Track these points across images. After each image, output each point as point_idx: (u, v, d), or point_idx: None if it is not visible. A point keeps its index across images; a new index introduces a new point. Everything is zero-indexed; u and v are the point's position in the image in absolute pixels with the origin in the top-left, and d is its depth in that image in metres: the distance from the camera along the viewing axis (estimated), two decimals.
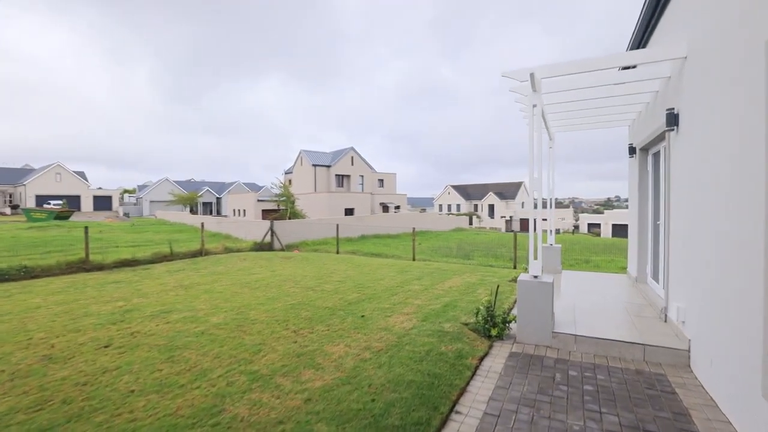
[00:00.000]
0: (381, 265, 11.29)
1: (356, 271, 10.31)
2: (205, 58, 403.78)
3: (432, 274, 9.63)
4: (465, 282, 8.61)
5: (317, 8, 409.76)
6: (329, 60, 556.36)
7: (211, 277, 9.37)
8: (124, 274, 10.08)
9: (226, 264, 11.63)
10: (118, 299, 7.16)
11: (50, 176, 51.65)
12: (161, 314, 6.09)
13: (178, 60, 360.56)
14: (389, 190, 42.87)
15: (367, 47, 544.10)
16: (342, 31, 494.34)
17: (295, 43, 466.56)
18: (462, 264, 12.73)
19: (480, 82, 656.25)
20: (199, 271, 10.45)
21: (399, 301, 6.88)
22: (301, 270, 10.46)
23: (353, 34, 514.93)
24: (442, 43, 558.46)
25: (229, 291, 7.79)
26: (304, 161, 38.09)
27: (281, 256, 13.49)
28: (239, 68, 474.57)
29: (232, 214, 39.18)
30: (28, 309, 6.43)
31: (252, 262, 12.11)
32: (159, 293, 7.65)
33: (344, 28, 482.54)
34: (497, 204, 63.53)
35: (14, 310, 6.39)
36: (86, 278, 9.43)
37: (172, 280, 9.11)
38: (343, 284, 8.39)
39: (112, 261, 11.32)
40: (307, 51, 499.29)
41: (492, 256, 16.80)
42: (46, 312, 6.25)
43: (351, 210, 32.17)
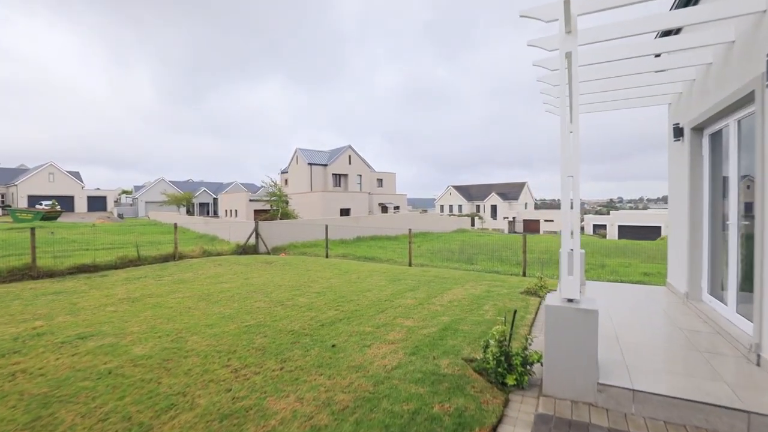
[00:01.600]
0: (372, 272, 9.89)
1: (342, 279, 8.91)
2: (206, 60, 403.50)
3: (430, 284, 8.23)
4: (468, 294, 7.20)
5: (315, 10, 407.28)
6: (328, 62, 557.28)
7: (170, 287, 8.00)
8: (73, 282, 8.72)
9: (196, 270, 10.25)
10: (40, 317, 5.80)
11: (43, 176, 50.49)
12: (76, 340, 4.72)
13: (179, 61, 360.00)
14: (389, 190, 41.48)
15: (365, 48, 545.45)
16: (340, 32, 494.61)
17: (294, 45, 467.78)
18: (465, 270, 11.32)
19: (478, 84, 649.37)
20: (162, 278, 9.08)
21: (385, 321, 5.47)
22: (279, 278, 9.08)
23: (351, 35, 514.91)
24: (440, 44, 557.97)
25: (182, 306, 6.41)
26: (299, 160, 36.74)
27: (262, 260, 12.12)
28: (239, 69, 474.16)
29: (225, 214, 37.86)
30: None
31: (227, 267, 10.73)
32: (95, 309, 6.28)
33: (342, 29, 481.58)
34: (500, 205, 62.02)
35: None
36: (24, 288, 8.07)
37: (122, 290, 7.74)
38: (321, 297, 7.00)
39: (66, 267, 9.97)
40: (306, 53, 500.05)
41: (497, 260, 15.39)
42: None
43: (347, 210, 30.78)
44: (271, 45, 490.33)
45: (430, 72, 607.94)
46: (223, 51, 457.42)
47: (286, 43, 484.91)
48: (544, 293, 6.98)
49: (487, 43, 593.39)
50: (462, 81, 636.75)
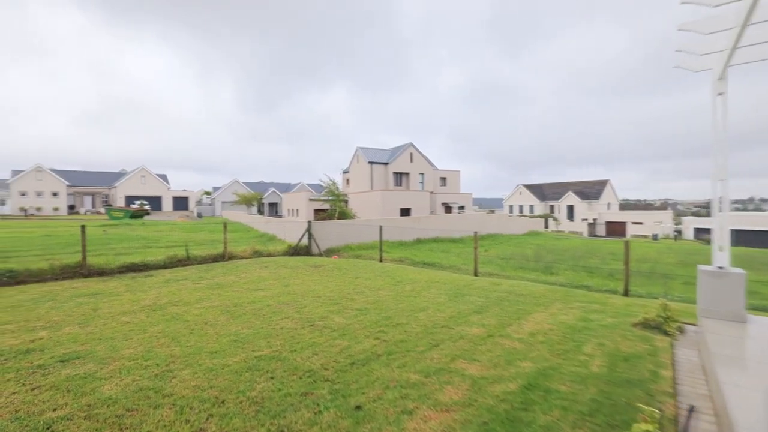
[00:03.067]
0: (430, 283, 8.31)
1: (392, 290, 7.46)
2: (279, 72, 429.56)
3: (502, 303, 6.44)
4: (557, 323, 5.33)
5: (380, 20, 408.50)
6: (391, 66, 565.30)
7: (202, 294, 7.18)
8: (116, 282, 8.37)
9: (239, 273, 9.50)
10: (50, 326, 5.16)
11: (137, 179, 56.29)
12: (56, 364, 3.87)
13: (256, 75, 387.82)
14: (453, 189, 39.23)
15: (428, 51, 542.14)
16: (403, 37, 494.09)
17: (360, 52, 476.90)
18: (545, 284, 9.25)
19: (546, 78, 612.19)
20: (201, 282, 8.39)
21: (440, 363, 3.91)
22: (321, 285, 7.89)
23: (414, 39, 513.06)
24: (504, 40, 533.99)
25: (200, 320, 5.43)
26: (360, 159, 36.10)
27: (311, 263, 11.13)
28: (309, 79, 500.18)
29: (287, 214, 38.56)
30: None
31: (272, 270, 9.86)
32: (111, 318, 5.55)
33: (405, 34, 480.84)
34: (578, 205, 56.16)
35: None
36: (68, 287, 7.82)
37: (153, 295, 7.07)
38: (361, 316, 5.60)
39: (117, 266, 9.80)
40: (371, 59, 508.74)
41: (582, 270, 12.86)
42: None
43: (407, 210, 29.29)
44: (338, 54, 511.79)
45: (494, 69, 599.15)
46: (295, 62, 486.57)
47: (353, 52, 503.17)
48: (673, 329, 4.87)
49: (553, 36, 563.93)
50: (528, 76, 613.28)
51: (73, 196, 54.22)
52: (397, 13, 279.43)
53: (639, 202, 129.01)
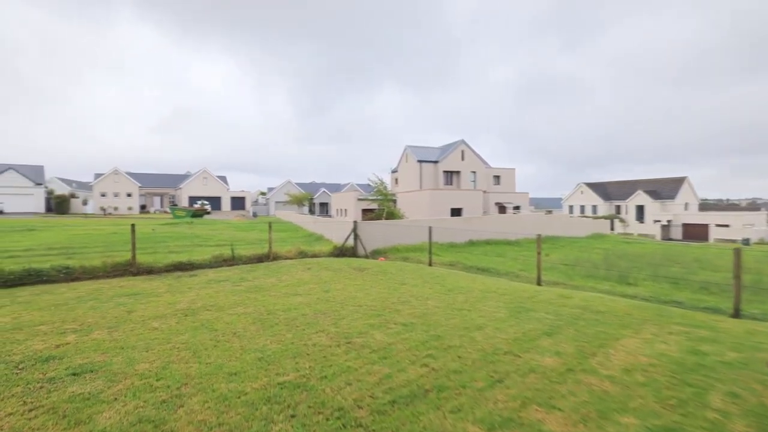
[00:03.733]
0: (485, 293, 7.29)
1: (443, 301, 6.57)
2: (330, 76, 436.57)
3: (576, 323, 5.31)
4: (656, 355, 4.15)
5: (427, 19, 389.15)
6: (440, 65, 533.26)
7: (239, 297, 6.79)
8: (160, 282, 8.29)
9: (281, 275, 9.10)
10: (80, 329, 4.95)
11: (199, 180, 59.98)
12: (67, 378, 3.53)
13: (309, 79, 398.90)
14: (507, 188, 37.07)
15: (478, 47, 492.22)
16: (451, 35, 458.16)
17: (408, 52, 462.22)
18: (623, 297, 7.85)
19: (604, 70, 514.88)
20: (241, 284, 8.06)
21: (505, 411, 2.99)
22: (364, 292, 7.19)
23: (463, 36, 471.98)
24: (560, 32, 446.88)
25: (229, 330, 4.94)
26: (409, 158, 35.24)
27: (356, 266, 10.51)
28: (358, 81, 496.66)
29: (336, 213, 38.69)
30: None
31: (314, 273, 9.37)
32: (141, 322, 5.25)
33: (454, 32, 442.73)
34: (649, 205, 50.90)
35: None
36: (114, 285, 7.83)
37: (191, 297, 6.79)
38: (407, 333, 4.79)
39: (164, 264, 9.85)
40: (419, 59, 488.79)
41: (665, 280, 11.04)
42: None
43: (458, 210, 27.93)
44: (385, 55, 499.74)
45: (549, 63, 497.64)
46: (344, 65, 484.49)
47: (400, 52, 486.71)
48: None
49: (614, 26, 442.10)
50: (586, 68, 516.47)
51: (144, 197, 58.99)
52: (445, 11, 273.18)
53: (720, 202, 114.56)
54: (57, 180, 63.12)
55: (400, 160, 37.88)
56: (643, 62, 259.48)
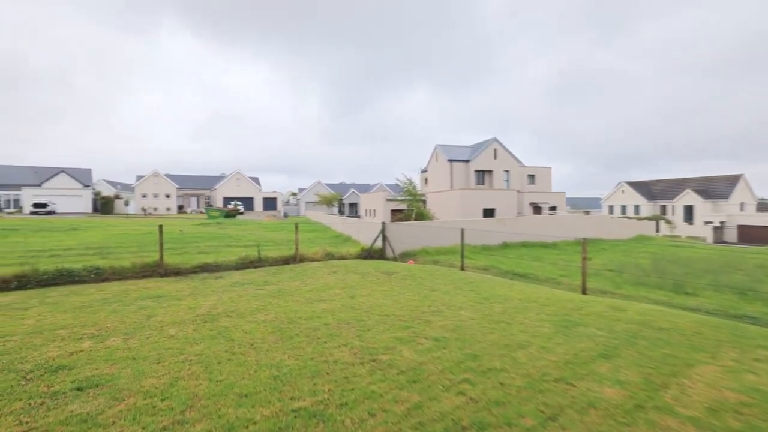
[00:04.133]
0: (525, 302, 6.63)
1: (478, 311, 5.98)
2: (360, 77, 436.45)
3: (636, 343, 4.59)
4: (748, 389, 3.41)
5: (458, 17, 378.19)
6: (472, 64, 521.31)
7: (261, 303, 6.49)
8: (186, 284, 8.18)
9: (305, 278, 8.79)
10: (98, 334, 4.78)
11: (233, 182, 61.69)
12: (70, 392, 3.28)
13: (340, 81, 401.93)
14: (543, 187, 35.47)
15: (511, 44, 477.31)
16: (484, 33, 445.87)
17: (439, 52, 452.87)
18: (684, 309, 6.94)
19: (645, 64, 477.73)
20: (265, 287, 7.80)
21: None
22: (392, 300, 6.72)
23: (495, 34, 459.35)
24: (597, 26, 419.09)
25: (246, 340, 4.61)
26: (439, 157, 34.42)
27: (384, 269, 10.05)
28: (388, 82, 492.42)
29: (365, 214, 38.43)
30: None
31: (340, 277, 8.99)
32: (159, 329, 5.03)
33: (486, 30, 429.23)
34: (699, 205, 47.34)
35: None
36: (140, 286, 7.77)
37: (212, 301, 6.57)
38: (439, 350, 4.27)
39: (191, 266, 9.79)
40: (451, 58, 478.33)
41: (728, 290, 9.84)
42: None
43: (491, 211, 26.86)
44: (417, 56, 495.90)
45: (586, 58, 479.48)
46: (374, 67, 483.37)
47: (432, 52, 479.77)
48: None
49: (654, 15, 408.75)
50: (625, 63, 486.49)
51: (182, 198, 61.33)
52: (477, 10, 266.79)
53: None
54: (103, 182, 66.83)
55: (430, 160, 37.12)
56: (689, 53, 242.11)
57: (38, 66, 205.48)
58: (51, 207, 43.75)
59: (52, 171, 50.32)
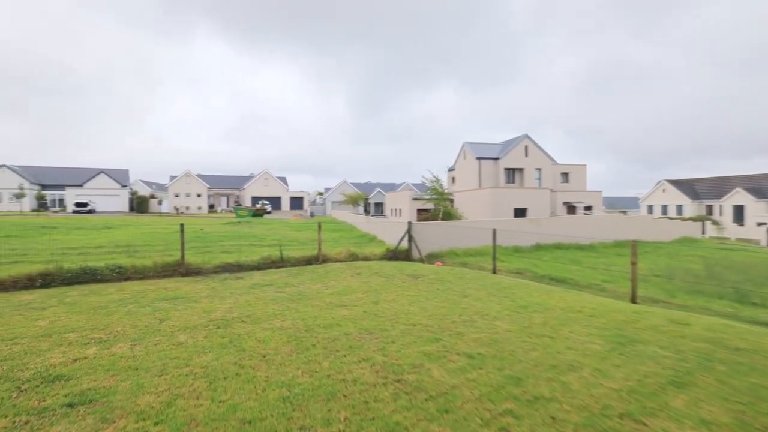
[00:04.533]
0: (569, 312, 5.92)
1: (516, 322, 5.34)
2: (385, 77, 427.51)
3: (711, 367, 3.84)
4: None
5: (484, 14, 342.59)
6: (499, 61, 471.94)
7: (278, 307, 6.11)
8: (205, 284, 7.95)
9: (327, 281, 8.38)
10: (106, 340, 4.52)
11: (261, 181, 62.78)
12: (61, 410, 2.92)
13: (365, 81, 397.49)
14: (577, 185, 33.80)
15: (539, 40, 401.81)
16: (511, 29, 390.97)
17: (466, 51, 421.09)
18: (758, 324, 6.02)
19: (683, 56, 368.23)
20: (285, 289, 7.44)
21: None
22: (418, 306, 6.17)
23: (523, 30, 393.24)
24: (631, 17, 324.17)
25: (257, 351, 4.21)
26: (467, 155, 33.43)
27: (409, 272, 9.51)
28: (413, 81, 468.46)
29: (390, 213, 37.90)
30: None
31: (364, 279, 8.53)
32: (169, 335, 4.72)
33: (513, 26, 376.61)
34: (750, 205, 43.89)
35: None
36: (160, 287, 7.59)
37: (228, 304, 6.25)
38: (473, 371, 3.69)
39: (213, 266, 9.60)
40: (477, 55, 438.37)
41: None
42: None
43: (522, 211, 25.72)
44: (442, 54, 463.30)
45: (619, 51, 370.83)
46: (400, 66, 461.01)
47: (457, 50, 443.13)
48: None
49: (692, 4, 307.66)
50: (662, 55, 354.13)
51: (212, 197, 62.99)
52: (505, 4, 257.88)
53: None
54: (140, 182, 69.69)
55: (458, 158, 36.19)
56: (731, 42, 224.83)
57: (83, 74, 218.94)
58: (91, 206, 45.86)
59: (92, 172, 52.83)
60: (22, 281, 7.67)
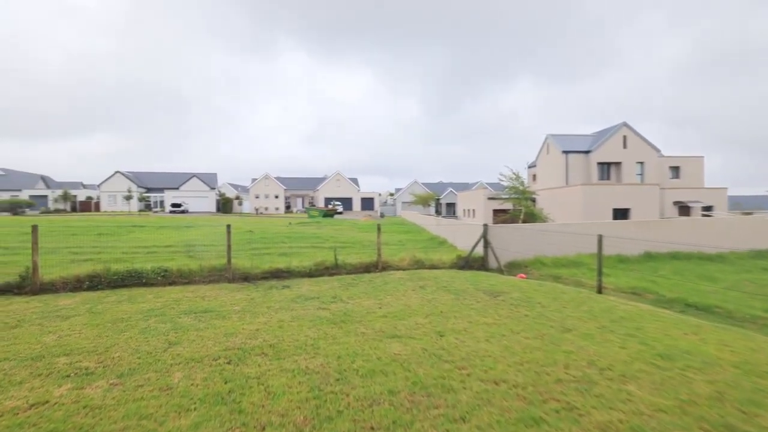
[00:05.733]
0: (751, 375, 3.68)
1: (665, 390, 3.32)
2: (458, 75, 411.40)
3: None
4: None
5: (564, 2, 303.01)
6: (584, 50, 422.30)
7: (317, 332, 4.81)
8: (244, 294, 7.03)
9: (384, 294, 6.93)
10: (105, 368, 3.53)
11: (333, 183, 64.03)
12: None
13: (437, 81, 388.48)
14: (691, 181, 28.12)
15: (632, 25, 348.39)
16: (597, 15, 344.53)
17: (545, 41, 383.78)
18: None
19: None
20: (330, 306, 6.15)
21: None
22: (501, 343, 4.40)
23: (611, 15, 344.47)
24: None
25: (267, 409, 2.90)
26: (551, 149, 29.73)
27: (485, 287, 7.65)
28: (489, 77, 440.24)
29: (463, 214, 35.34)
30: None
31: (427, 295, 6.92)
32: (170, 366, 3.66)
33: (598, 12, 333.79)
34: None
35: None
36: (197, 296, 6.79)
37: (258, 324, 5.11)
38: None
39: (261, 271, 8.72)
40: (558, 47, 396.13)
41: None
42: None
43: (623, 211, 21.70)
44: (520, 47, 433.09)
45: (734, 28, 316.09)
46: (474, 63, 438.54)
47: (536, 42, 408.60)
48: None
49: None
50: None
51: (289, 198, 65.86)
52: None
53: None
54: (227, 185, 75.65)
55: (540, 152, 32.55)
56: None
57: (188, 94, 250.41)
58: (184, 206, 50.41)
59: (186, 176, 58.29)
60: (71, 283, 7.41)
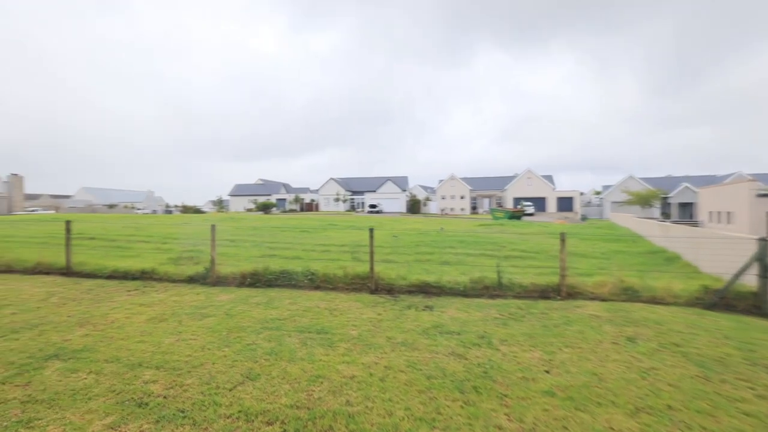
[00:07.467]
0: None
1: None
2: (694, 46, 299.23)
3: None
4: None
5: None
6: None
7: (431, 404, 3.12)
8: (377, 311, 5.89)
9: (558, 343, 4.52)
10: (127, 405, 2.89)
11: (523, 181, 58.55)
12: None
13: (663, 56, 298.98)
14: None
15: None
16: None
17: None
18: None
19: None
20: (471, 349, 4.28)
21: None
22: None
23: None
24: None
25: None
26: None
27: (756, 358, 4.10)
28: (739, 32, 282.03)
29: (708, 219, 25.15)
30: None
31: (644, 357, 4.10)
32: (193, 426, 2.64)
33: None
34: None
35: None
36: (324, 308, 6.03)
37: (359, 367, 3.79)
38: None
39: (407, 284, 7.43)
40: None
41: None
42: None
43: None
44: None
45: None
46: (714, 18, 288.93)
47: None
48: None
49: None
50: None
51: (475, 199, 64.20)
52: None
53: None
54: (418, 187, 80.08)
55: None
56: None
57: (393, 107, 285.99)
58: (379, 207, 55.71)
59: (382, 180, 64.52)
60: (238, 279, 7.92)
